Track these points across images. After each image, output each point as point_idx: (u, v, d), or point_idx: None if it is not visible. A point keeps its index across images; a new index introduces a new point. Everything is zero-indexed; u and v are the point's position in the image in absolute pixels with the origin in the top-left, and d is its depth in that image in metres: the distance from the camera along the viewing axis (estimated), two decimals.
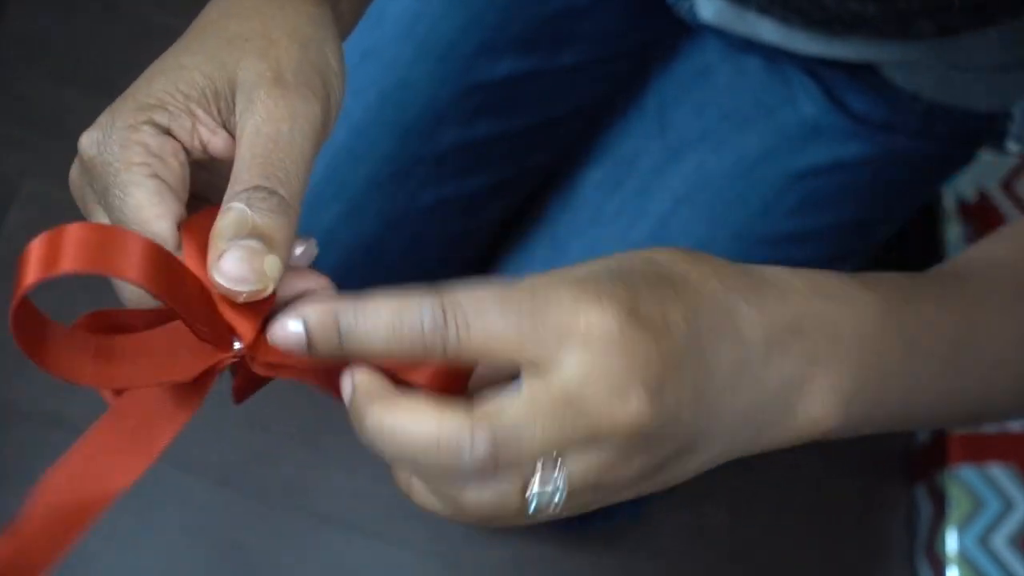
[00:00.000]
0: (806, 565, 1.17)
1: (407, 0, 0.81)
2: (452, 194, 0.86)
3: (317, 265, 1.00)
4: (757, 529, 1.17)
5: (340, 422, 0.40)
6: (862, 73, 0.78)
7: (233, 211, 0.41)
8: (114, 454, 0.42)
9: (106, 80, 1.21)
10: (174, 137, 0.44)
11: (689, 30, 0.85)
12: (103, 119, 0.44)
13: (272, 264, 0.41)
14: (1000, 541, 1.08)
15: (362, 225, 0.86)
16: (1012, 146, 0.59)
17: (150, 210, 0.42)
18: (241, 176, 0.42)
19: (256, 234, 0.41)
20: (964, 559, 1.07)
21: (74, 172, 0.46)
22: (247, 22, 0.46)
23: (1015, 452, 1.10)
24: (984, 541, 1.08)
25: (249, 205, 0.41)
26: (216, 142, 0.45)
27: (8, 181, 1.18)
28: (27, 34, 1.22)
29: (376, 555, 1.13)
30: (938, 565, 1.09)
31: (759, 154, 0.81)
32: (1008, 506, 1.09)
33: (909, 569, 1.16)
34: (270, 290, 0.41)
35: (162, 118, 0.44)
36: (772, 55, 0.80)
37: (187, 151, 0.44)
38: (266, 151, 0.43)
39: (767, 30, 0.75)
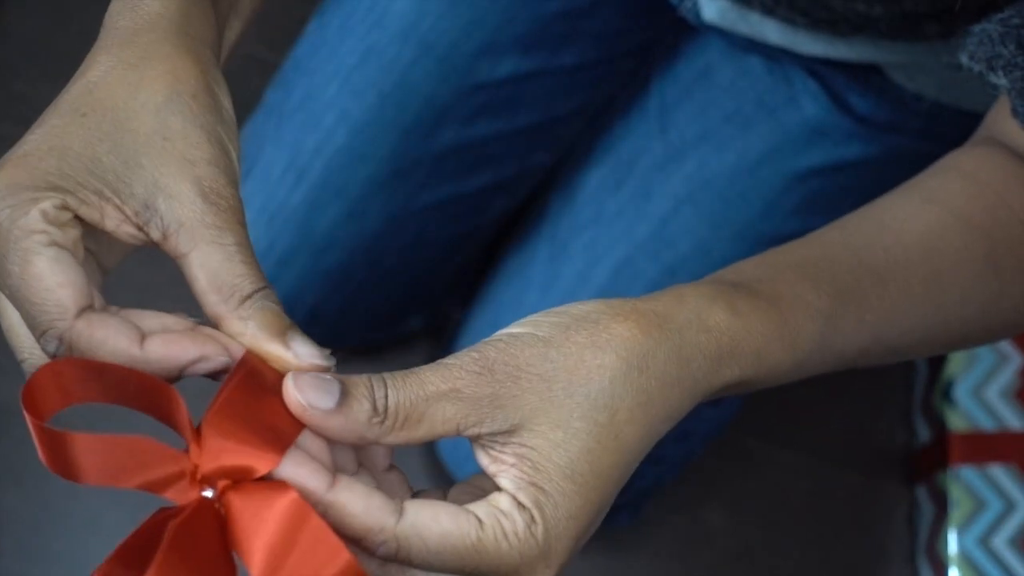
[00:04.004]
0: (806, 565, 1.16)
1: (408, 1, 0.81)
2: (452, 194, 0.86)
3: (319, 266, 1.00)
4: (757, 529, 1.17)
5: None
6: (865, 74, 0.78)
7: (267, 311, 0.42)
8: None
9: None
10: (72, 210, 0.42)
11: (690, 29, 0.85)
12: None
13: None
14: (1001, 542, 1.08)
15: (363, 225, 0.86)
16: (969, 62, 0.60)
17: (52, 279, 0.41)
18: (238, 286, 0.42)
19: (291, 323, 0.43)
20: (965, 560, 1.07)
21: None
22: (156, 93, 0.44)
23: (1016, 452, 1.10)
24: (985, 542, 1.08)
25: (268, 301, 0.43)
26: (119, 230, 0.43)
27: None
28: (27, 34, 1.22)
29: None
30: (939, 566, 1.09)
31: (761, 154, 0.81)
32: (1009, 507, 1.09)
33: (910, 569, 1.16)
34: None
35: (69, 196, 0.42)
36: (774, 55, 0.80)
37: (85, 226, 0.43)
38: (244, 257, 0.43)
39: (771, 31, 0.75)
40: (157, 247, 0.44)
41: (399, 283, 0.93)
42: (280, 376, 0.42)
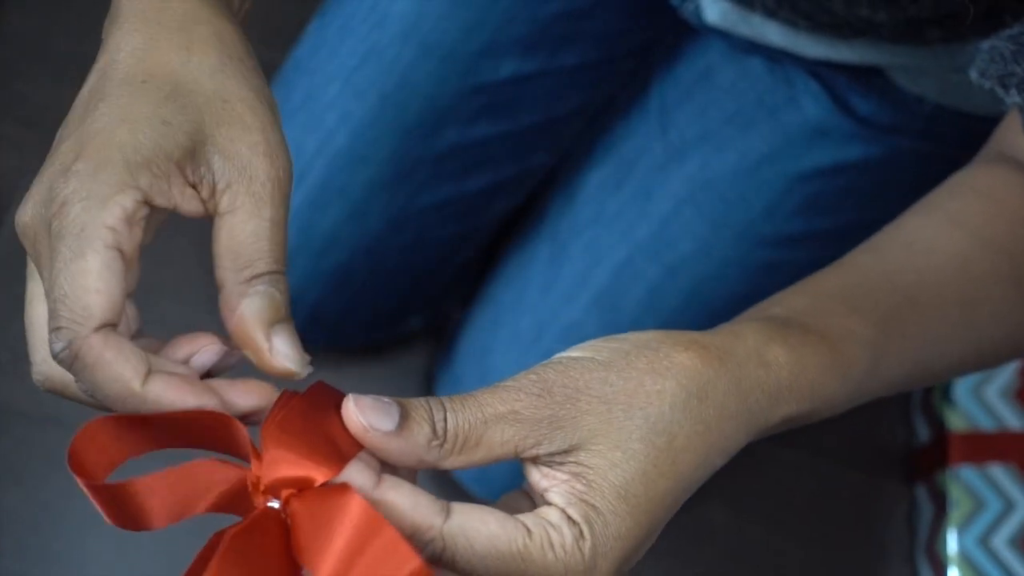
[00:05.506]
0: (806, 563, 1.17)
1: (409, 1, 0.81)
2: (453, 194, 0.86)
3: (320, 266, 1.00)
4: (757, 529, 1.17)
5: None
6: (866, 76, 0.78)
7: (268, 296, 0.42)
8: None
9: None
10: (149, 202, 0.42)
11: (691, 30, 0.85)
12: (79, 165, 0.42)
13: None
14: (1000, 541, 1.08)
15: (364, 226, 0.86)
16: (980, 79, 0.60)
17: (93, 281, 0.40)
18: (254, 262, 0.42)
19: (286, 316, 0.43)
20: (964, 559, 1.07)
21: (31, 212, 0.43)
22: (205, 61, 0.45)
23: (1015, 452, 1.10)
24: (984, 541, 1.08)
25: (274, 288, 0.43)
26: (186, 205, 0.43)
27: (8, 181, 1.18)
28: (27, 34, 1.22)
29: None
30: (938, 565, 1.09)
31: (762, 155, 0.81)
32: (1009, 506, 1.09)
33: (909, 569, 1.16)
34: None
35: (145, 181, 0.42)
36: (775, 57, 0.80)
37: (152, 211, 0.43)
38: (272, 236, 0.43)
39: (772, 33, 0.75)
40: (201, 215, 0.44)
41: (400, 283, 0.93)
42: (340, 396, 0.42)
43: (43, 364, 0.44)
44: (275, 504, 0.40)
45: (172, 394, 0.41)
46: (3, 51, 1.21)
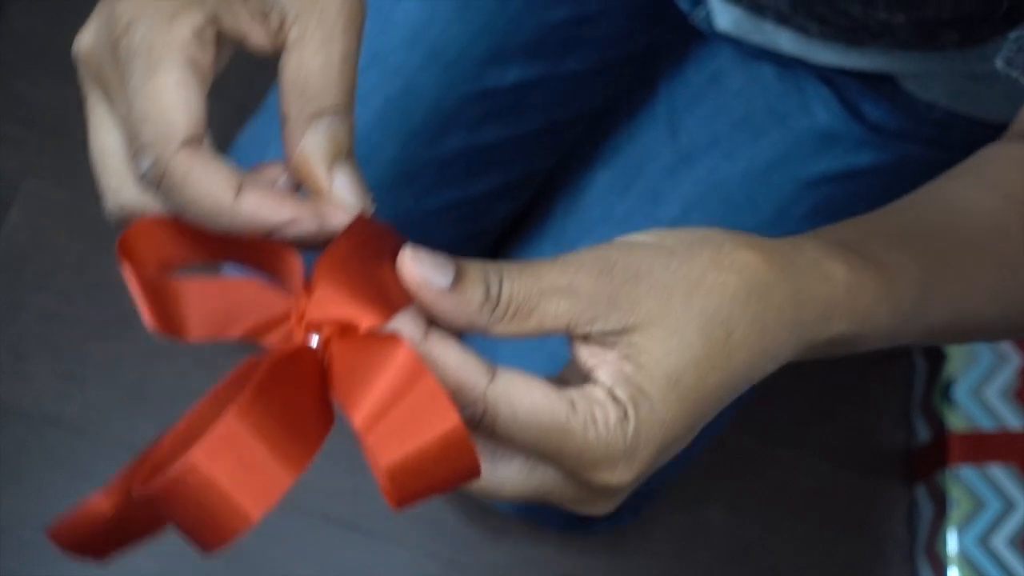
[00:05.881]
0: (806, 564, 1.17)
1: (414, 6, 0.81)
2: (457, 198, 0.86)
3: None
4: (757, 529, 1.17)
5: (340, 421, 0.39)
6: (877, 82, 0.77)
7: (331, 132, 0.41)
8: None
9: None
10: (217, 24, 0.41)
11: (699, 36, 0.85)
12: None
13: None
14: (1000, 541, 1.08)
15: None
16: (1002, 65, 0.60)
17: (172, 97, 0.39)
18: (320, 96, 0.41)
19: (349, 153, 0.41)
20: (964, 559, 1.07)
21: (92, 38, 0.42)
22: None
23: (1015, 452, 1.10)
24: (984, 541, 1.08)
25: (340, 124, 0.41)
26: (254, 36, 0.42)
27: (8, 181, 1.18)
28: (27, 34, 1.22)
29: (376, 555, 1.13)
30: (938, 565, 1.09)
31: (772, 161, 0.81)
32: (1009, 506, 1.09)
33: (909, 569, 1.16)
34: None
35: (222, 13, 0.41)
36: (786, 62, 0.80)
37: (223, 41, 0.42)
38: (341, 71, 0.41)
39: (784, 40, 0.75)
40: (269, 50, 0.42)
41: None
42: (397, 246, 0.40)
43: (117, 193, 0.42)
44: (315, 341, 0.39)
45: (266, 207, 0.40)
46: (3, 51, 1.21)
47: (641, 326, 0.41)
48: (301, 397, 0.37)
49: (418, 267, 0.39)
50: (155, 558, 1.11)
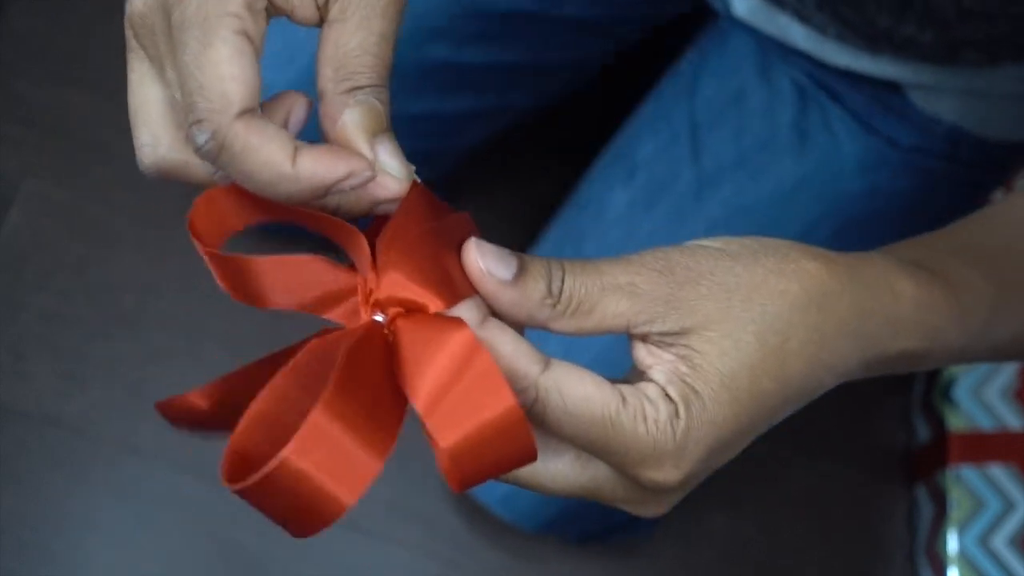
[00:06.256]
0: (806, 564, 1.17)
1: None
2: (431, 110, 0.86)
3: None
4: (756, 529, 1.17)
5: None
6: (884, 95, 0.77)
7: (370, 106, 0.41)
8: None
9: (106, 80, 1.21)
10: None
11: (703, 22, 0.85)
12: None
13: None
14: (1000, 541, 1.08)
15: None
16: None
17: (227, 68, 0.39)
18: (356, 74, 0.42)
19: (390, 128, 0.42)
20: (964, 559, 1.07)
21: (144, 2, 0.41)
22: None
23: (1015, 452, 1.10)
24: (984, 541, 1.08)
25: (378, 98, 0.42)
26: (301, 9, 0.42)
27: (8, 181, 1.18)
28: (27, 34, 1.22)
29: (376, 555, 1.13)
30: (938, 565, 1.09)
31: (796, 181, 0.80)
32: (1009, 506, 1.09)
33: (909, 569, 1.16)
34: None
35: None
36: (800, 80, 0.79)
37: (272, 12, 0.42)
38: (380, 51, 0.42)
39: (797, 35, 0.75)
40: (314, 23, 0.42)
41: None
42: (463, 236, 0.41)
43: (155, 148, 0.42)
44: (380, 319, 0.40)
45: (323, 166, 0.40)
46: (3, 51, 1.21)
47: (698, 328, 0.41)
48: (377, 380, 0.38)
49: (482, 258, 0.40)
50: (156, 558, 1.11)
